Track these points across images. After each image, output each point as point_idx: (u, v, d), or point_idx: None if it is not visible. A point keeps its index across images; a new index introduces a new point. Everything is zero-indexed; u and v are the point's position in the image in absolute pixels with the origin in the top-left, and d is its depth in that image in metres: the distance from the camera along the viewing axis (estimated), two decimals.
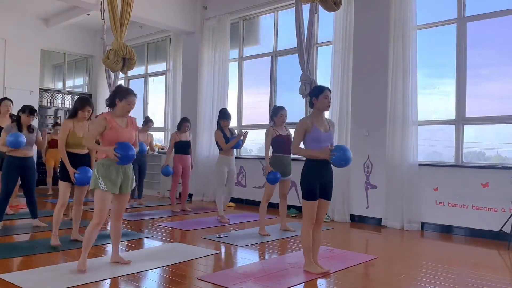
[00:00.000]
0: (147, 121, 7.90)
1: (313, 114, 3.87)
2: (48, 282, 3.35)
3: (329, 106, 3.85)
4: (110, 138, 3.56)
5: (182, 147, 7.08)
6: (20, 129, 5.14)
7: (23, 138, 5.02)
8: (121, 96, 3.60)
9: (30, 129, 5.20)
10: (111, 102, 3.67)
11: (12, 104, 6.10)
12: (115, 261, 3.78)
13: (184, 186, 7.24)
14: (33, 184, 5.32)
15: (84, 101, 4.51)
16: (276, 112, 5.42)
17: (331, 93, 3.88)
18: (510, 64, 5.75)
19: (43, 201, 7.66)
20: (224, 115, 6.24)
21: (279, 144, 5.33)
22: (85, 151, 4.56)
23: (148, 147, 7.76)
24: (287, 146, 5.28)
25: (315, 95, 3.83)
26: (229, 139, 6.11)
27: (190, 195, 8.41)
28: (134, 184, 3.82)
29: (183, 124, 7.14)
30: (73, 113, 4.52)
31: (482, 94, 5.96)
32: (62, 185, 4.43)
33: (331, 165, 3.74)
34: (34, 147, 5.37)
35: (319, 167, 3.71)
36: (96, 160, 3.80)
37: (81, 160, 4.48)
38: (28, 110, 5.17)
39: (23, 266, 3.85)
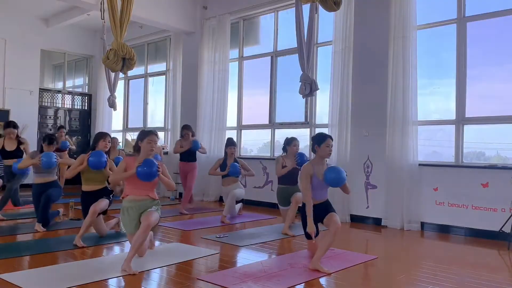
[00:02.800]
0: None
1: (315, 160, 4.00)
2: (48, 282, 3.35)
3: (330, 154, 3.98)
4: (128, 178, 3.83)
5: (184, 154, 7.16)
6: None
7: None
8: (142, 137, 3.81)
9: None
10: (136, 147, 3.86)
11: (17, 129, 6.16)
12: (123, 269, 3.57)
13: (187, 189, 7.21)
14: (50, 199, 5.29)
15: (103, 133, 4.97)
16: (290, 142, 5.62)
17: (332, 140, 4.01)
18: (511, 63, 5.75)
19: None
20: (228, 142, 6.52)
21: (284, 175, 5.56)
22: (100, 186, 4.80)
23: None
24: (292, 177, 5.56)
25: (318, 143, 3.94)
26: (226, 166, 6.31)
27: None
28: (153, 208, 3.81)
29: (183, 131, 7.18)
30: (92, 148, 4.82)
31: (482, 94, 5.95)
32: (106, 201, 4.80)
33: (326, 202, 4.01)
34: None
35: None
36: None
37: (95, 196, 4.73)
38: (47, 140, 5.32)
39: (23, 266, 3.84)
